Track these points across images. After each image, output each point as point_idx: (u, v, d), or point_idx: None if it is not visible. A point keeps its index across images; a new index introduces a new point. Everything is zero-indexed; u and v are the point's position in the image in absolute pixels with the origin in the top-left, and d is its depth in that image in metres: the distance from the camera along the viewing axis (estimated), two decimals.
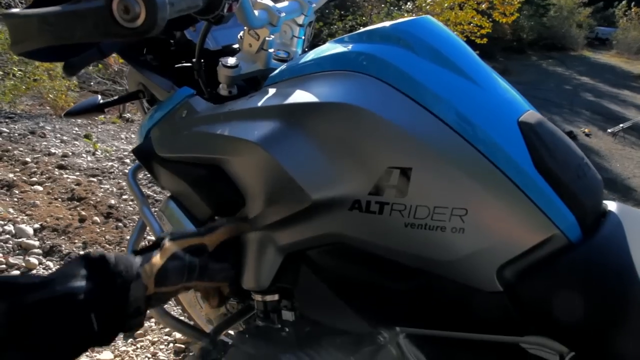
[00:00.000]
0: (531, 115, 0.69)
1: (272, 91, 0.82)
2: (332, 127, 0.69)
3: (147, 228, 1.11)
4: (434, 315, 0.74)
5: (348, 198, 0.67)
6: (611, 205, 0.74)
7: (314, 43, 0.85)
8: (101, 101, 1.10)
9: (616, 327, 0.62)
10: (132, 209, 2.92)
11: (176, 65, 1.08)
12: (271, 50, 0.96)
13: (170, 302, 2.08)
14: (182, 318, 1.54)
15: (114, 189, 3.18)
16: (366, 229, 0.68)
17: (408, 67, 0.68)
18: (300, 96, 0.74)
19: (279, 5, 0.97)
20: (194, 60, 0.95)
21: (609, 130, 7.86)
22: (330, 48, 0.79)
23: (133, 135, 4.68)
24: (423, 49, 0.71)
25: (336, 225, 0.70)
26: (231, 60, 0.92)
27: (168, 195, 0.97)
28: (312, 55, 0.81)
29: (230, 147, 0.79)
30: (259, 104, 0.79)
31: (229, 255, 0.80)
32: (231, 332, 1.40)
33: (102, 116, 5.19)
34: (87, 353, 1.78)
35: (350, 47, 0.75)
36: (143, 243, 1.71)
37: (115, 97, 1.13)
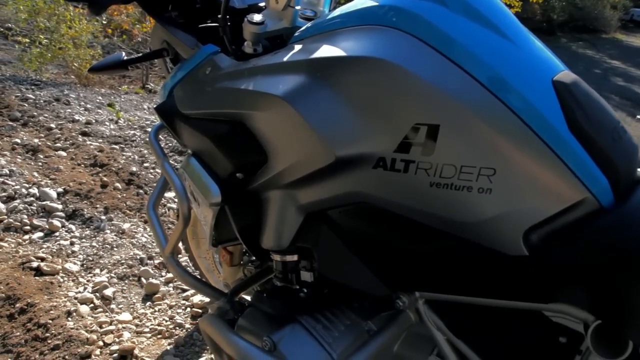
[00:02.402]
0: (566, 75, 0.66)
1: (297, 47, 0.80)
2: (358, 82, 0.67)
3: (169, 185, 1.11)
4: (456, 279, 0.73)
5: (373, 155, 0.65)
6: None
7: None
8: (125, 58, 1.09)
9: None
10: (152, 176, 2.95)
11: (200, 25, 1.07)
12: (298, 7, 0.94)
13: (189, 268, 2.11)
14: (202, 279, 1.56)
15: (136, 157, 3.22)
16: (390, 188, 0.67)
17: (439, 21, 0.66)
18: (326, 51, 0.72)
19: None
20: (219, 16, 0.93)
21: (639, 117, 7.63)
22: (358, 3, 0.76)
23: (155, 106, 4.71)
24: (456, 3, 0.68)
25: (359, 183, 0.69)
26: (257, 17, 0.90)
27: (189, 152, 0.97)
28: (339, 11, 0.79)
29: (253, 101, 0.78)
30: (284, 59, 0.78)
31: None
32: (248, 298, 1.41)
33: (126, 86, 5.23)
34: (106, 313, 1.82)
35: (379, 0, 0.73)
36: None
37: (140, 55, 1.12)
